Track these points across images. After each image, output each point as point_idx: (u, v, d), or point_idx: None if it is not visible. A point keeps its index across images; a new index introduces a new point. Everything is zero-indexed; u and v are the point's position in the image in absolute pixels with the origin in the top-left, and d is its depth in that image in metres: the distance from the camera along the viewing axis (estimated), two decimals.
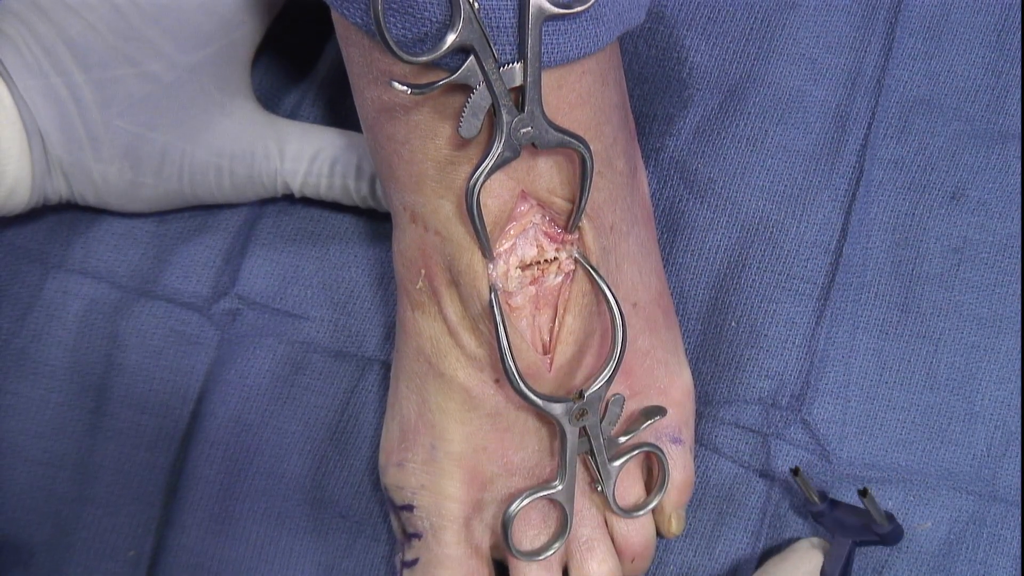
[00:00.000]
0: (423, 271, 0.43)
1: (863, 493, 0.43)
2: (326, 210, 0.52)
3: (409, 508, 0.46)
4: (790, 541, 0.49)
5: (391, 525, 0.49)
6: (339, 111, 0.52)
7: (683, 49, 0.51)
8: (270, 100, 0.53)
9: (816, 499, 0.46)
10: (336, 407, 0.50)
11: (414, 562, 0.46)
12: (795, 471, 0.45)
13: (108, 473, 0.50)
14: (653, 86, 0.52)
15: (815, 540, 0.47)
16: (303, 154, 0.49)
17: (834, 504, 0.46)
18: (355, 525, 0.50)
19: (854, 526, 0.45)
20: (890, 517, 0.45)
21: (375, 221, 0.52)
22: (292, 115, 0.53)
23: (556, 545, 0.45)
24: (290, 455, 0.50)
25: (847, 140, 0.51)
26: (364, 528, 0.50)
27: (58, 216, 0.51)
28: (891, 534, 0.45)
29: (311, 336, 0.51)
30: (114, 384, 0.50)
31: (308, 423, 0.50)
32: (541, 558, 0.45)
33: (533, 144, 0.39)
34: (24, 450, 0.50)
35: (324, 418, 0.50)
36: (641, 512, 0.46)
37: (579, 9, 0.37)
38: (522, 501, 0.44)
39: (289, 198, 0.52)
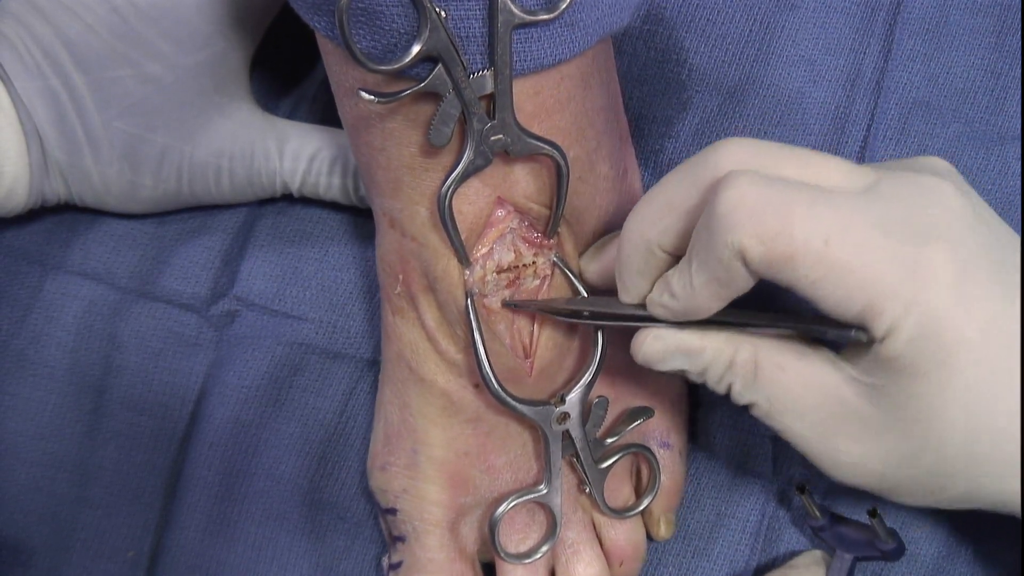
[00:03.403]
0: (401, 276, 0.43)
1: (872, 513, 0.43)
2: (324, 211, 0.52)
3: (393, 512, 0.46)
4: (788, 544, 0.48)
5: None
6: (337, 113, 0.52)
7: (682, 51, 0.51)
8: (269, 102, 0.53)
9: (817, 514, 0.45)
10: (334, 409, 0.50)
11: (399, 564, 0.46)
12: (800, 488, 0.45)
13: (107, 474, 0.50)
14: (652, 88, 0.51)
15: (816, 554, 0.47)
16: (302, 154, 0.49)
17: (835, 519, 0.46)
18: (353, 527, 0.50)
19: (856, 542, 0.45)
20: (893, 534, 0.45)
21: (372, 223, 0.51)
22: (290, 117, 0.53)
23: (544, 548, 0.45)
24: (288, 456, 0.50)
25: (846, 142, 0.50)
26: (362, 529, 0.50)
27: (57, 218, 0.52)
28: (894, 551, 0.44)
29: (309, 338, 0.51)
30: (113, 385, 0.50)
31: (306, 424, 0.50)
32: (529, 561, 0.45)
33: (506, 151, 0.39)
34: (23, 451, 0.50)
35: (322, 420, 0.50)
36: (631, 513, 0.46)
37: (546, 17, 0.37)
38: (508, 504, 0.44)
39: (288, 198, 0.52)
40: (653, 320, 0.39)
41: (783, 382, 0.37)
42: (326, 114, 0.53)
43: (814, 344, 0.37)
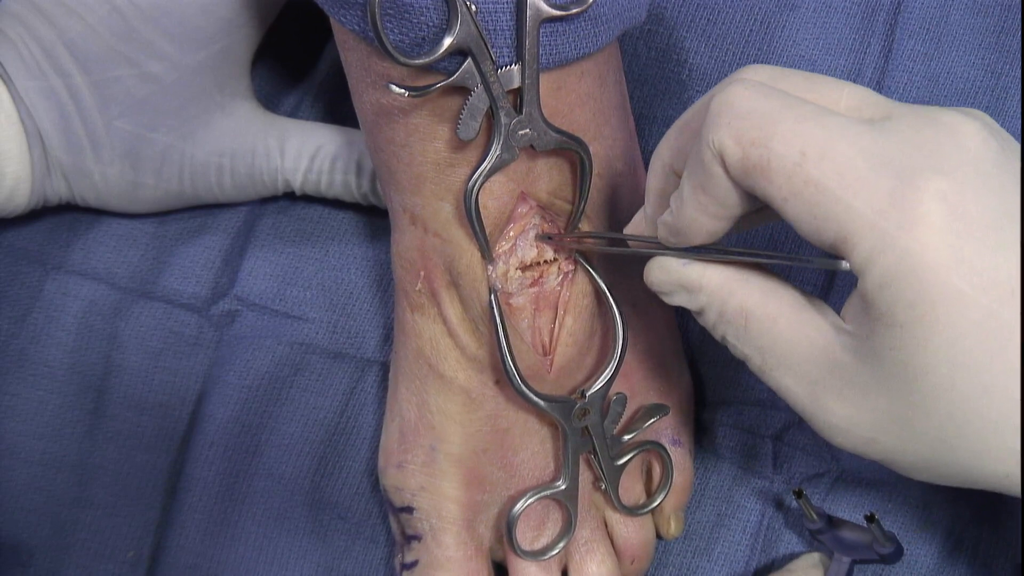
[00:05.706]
0: (422, 273, 0.43)
1: (870, 519, 0.43)
2: (325, 210, 0.52)
3: (409, 510, 0.46)
4: (788, 546, 0.48)
5: (390, 527, 0.49)
6: (339, 111, 0.52)
7: (683, 51, 0.51)
8: (270, 100, 0.53)
9: (815, 517, 0.45)
10: (335, 408, 0.50)
11: (413, 564, 0.46)
12: (798, 493, 0.45)
13: (107, 474, 0.50)
14: (653, 88, 0.52)
15: (814, 557, 0.47)
16: (303, 152, 0.49)
17: (832, 521, 0.46)
18: (354, 527, 0.50)
19: (854, 544, 0.45)
20: (891, 537, 0.45)
21: (374, 221, 0.52)
22: (292, 115, 0.53)
23: (561, 544, 0.45)
24: (289, 456, 0.50)
25: None
26: (363, 529, 0.50)
27: (58, 217, 0.51)
28: (892, 554, 0.44)
29: (310, 337, 0.51)
30: (113, 385, 0.50)
31: (307, 424, 0.50)
32: (545, 557, 0.45)
33: (532, 146, 0.40)
34: (23, 451, 0.50)
35: (323, 419, 0.50)
36: (645, 510, 0.47)
37: (576, 11, 0.38)
38: (527, 501, 0.44)
39: (289, 196, 0.52)
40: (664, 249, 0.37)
41: (774, 333, 0.35)
42: (327, 113, 0.53)
43: (812, 297, 0.35)
